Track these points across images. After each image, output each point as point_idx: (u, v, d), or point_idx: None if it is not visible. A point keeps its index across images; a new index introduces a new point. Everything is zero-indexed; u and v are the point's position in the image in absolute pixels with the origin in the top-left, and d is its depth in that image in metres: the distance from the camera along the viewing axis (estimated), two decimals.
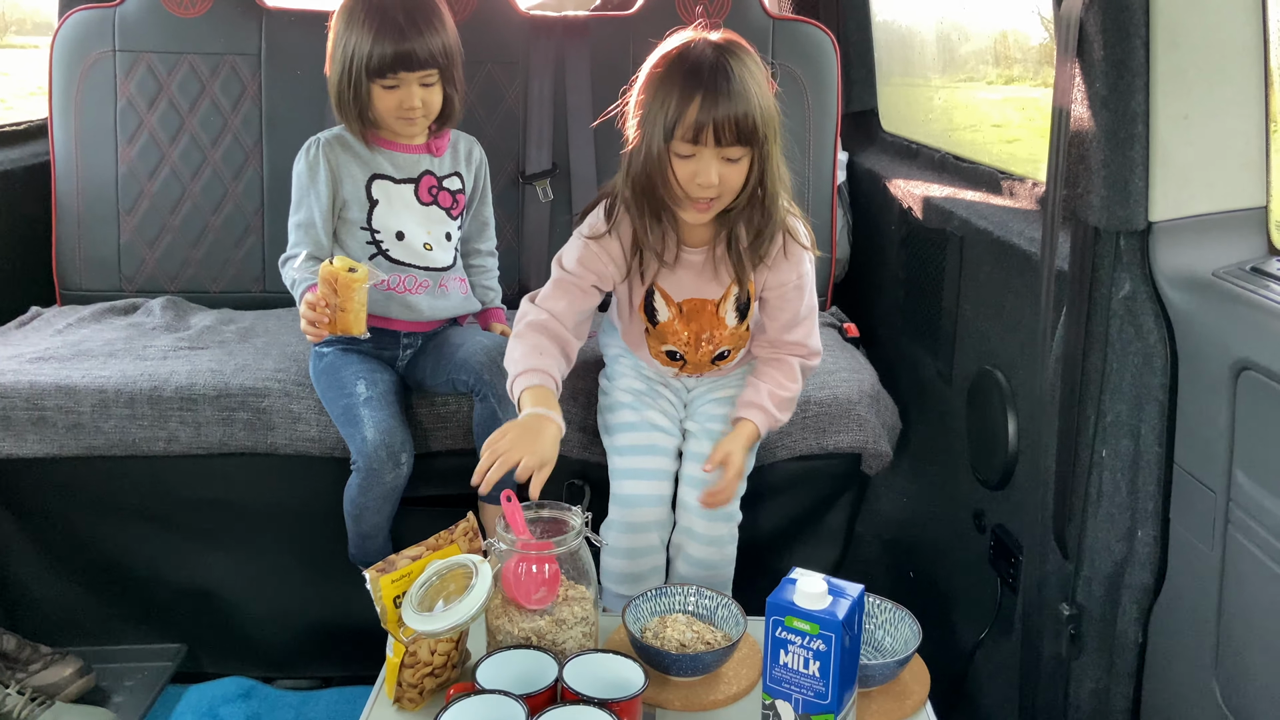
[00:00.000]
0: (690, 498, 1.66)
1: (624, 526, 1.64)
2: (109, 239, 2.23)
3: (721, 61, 1.42)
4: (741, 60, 1.43)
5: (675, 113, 1.41)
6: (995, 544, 1.64)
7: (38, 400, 1.75)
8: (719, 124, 1.40)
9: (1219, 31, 1.18)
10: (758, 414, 1.60)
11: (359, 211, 1.78)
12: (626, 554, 1.64)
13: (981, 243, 1.70)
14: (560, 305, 1.59)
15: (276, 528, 1.87)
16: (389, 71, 1.68)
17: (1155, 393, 1.25)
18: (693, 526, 1.66)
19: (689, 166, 1.44)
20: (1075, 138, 1.26)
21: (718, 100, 1.39)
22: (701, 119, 1.40)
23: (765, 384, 1.62)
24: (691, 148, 1.42)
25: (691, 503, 1.65)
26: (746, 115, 1.41)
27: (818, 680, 1.19)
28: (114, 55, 2.22)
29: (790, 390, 1.63)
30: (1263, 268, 1.17)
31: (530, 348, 1.55)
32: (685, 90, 1.41)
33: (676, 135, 1.42)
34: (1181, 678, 1.26)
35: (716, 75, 1.40)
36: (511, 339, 1.58)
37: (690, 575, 1.65)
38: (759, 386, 1.62)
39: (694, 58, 1.43)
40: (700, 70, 1.41)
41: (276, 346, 1.93)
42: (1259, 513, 1.10)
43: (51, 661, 1.77)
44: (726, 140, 1.41)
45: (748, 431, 1.60)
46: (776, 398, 1.61)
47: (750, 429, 1.60)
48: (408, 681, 1.34)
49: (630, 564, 1.65)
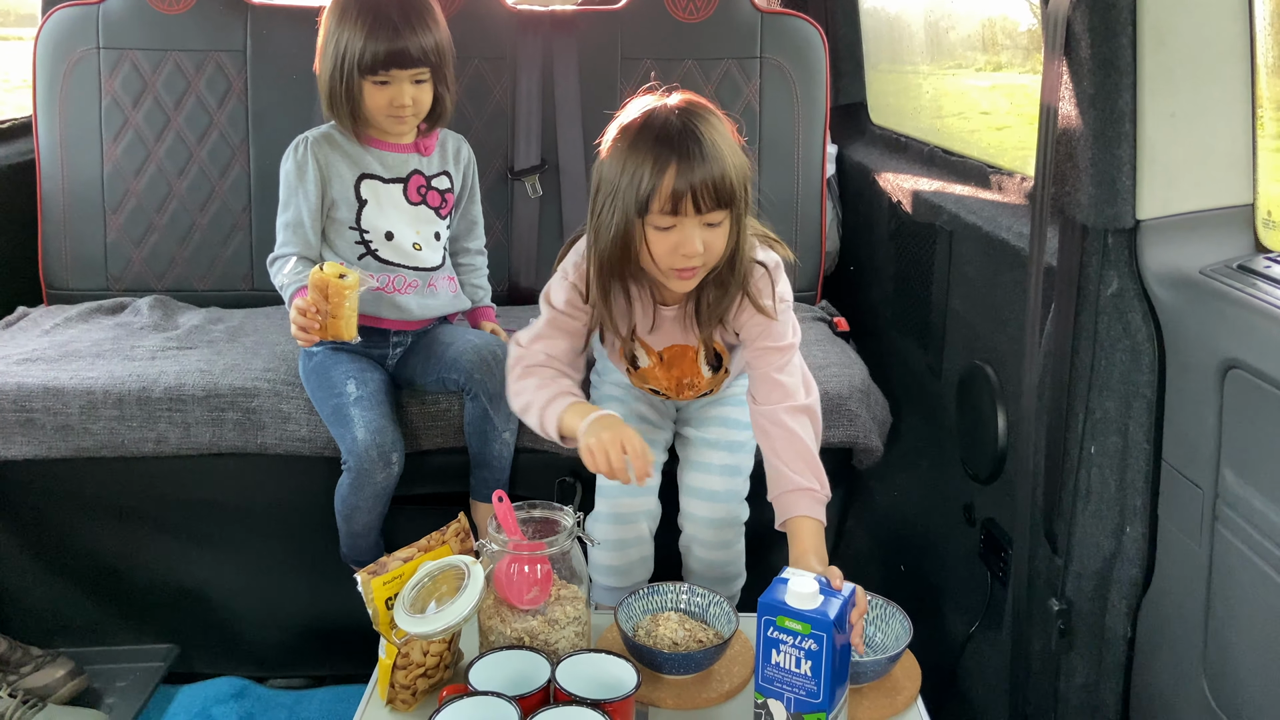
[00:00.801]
0: (693, 507, 1.66)
1: (611, 519, 1.64)
2: (95, 238, 2.22)
3: (690, 126, 1.35)
4: (708, 121, 1.37)
5: (649, 184, 1.33)
6: (985, 538, 1.65)
7: (25, 402, 1.75)
8: (697, 191, 1.33)
9: (1205, 30, 1.18)
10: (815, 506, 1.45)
11: (347, 211, 1.77)
12: (614, 546, 1.64)
13: (971, 237, 1.70)
14: (556, 345, 1.53)
15: (267, 528, 1.86)
16: (381, 69, 1.67)
17: (1143, 390, 1.25)
18: (698, 534, 1.66)
19: (669, 238, 1.37)
20: (1063, 136, 1.26)
21: (693, 166, 1.33)
22: (679, 188, 1.33)
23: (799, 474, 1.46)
24: (670, 219, 1.36)
25: (694, 512, 1.65)
26: (724, 177, 1.34)
27: (809, 679, 1.19)
28: (98, 53, 2.20)
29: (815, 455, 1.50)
30: (1250, 265, 1.17)
31: (540, 381, 1.50)
32: (658, 160, 1.33)
33: (653, 208, 1.34)
34: (1170, 672, 1.27)
35: (687, 140, 1.33)
36: (514, 383, 1.53)
37: (703, 575, 1.65)
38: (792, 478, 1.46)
39: (660, 125, 1.35)
40: (670, 137, 1.34)
41: (266, 346, 1.93)
42: (1246, 510, 1.11)
43: (43, 663, 1.77)
44: (706, 206, 1.35)
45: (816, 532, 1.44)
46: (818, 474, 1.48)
47: (813, 526, 1.44)
48: (400, 683, 1.34)
49: (618, 556, 1.65)
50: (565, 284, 1.52)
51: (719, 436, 1.66)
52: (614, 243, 1.39)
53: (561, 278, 1.53)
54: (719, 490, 1.65)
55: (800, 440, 1.48)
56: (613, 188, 1.38)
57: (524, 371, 1.53)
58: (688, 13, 2.27)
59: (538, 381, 1.50)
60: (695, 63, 2.26)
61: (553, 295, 1.54)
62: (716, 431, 1.67)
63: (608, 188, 1.39)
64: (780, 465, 1.47)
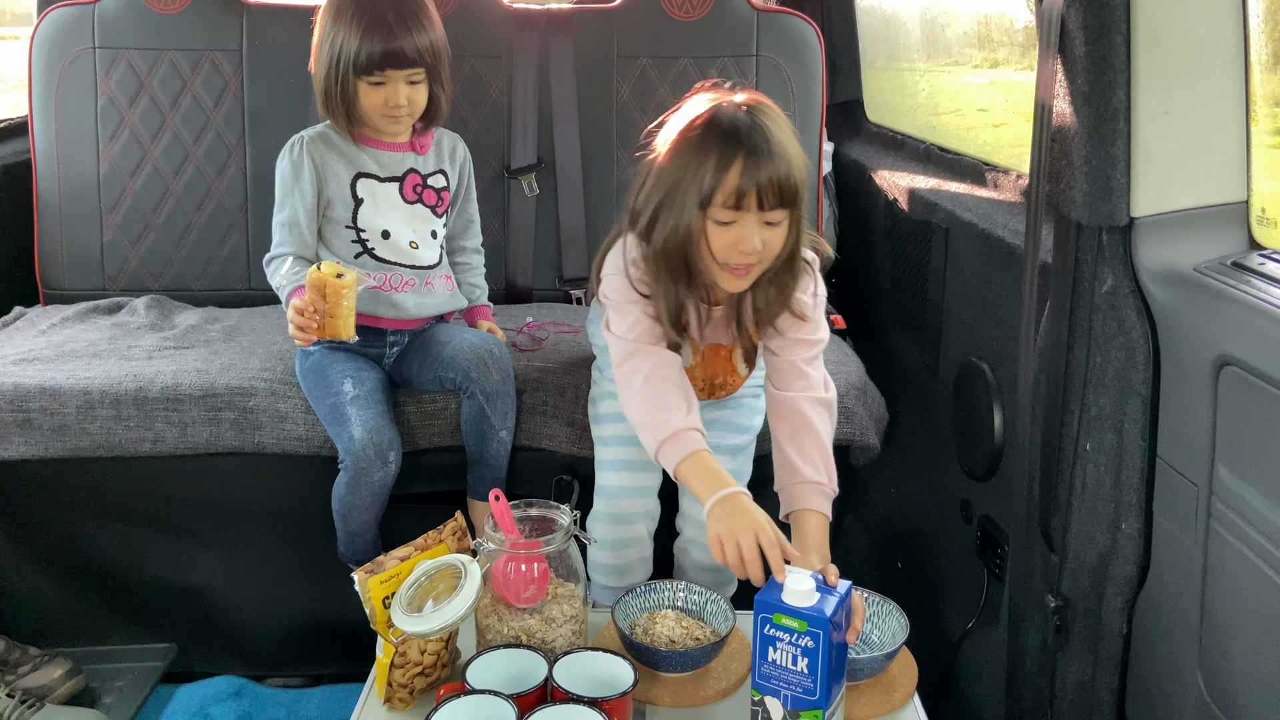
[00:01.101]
0: (694, 511, 1.65)
1: (609, 518, 1.64)
2: (92, 237, 2.22)
3: (758, 122, 1.34)
4: (774, 119, 1.36)
5: (714, 179, 1.32)
6: (982, 535, 1.65)
7: (22, 402, 1.75)
8: (762, 188, 1.32)
9: (1199, 28, 1.18)
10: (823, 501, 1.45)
11: (344, 210, 1.77)
12: (612, 546, 1.65)
13: (966, 235, 1.71)
14: (654, 329, 1.45)
15: (265, 527, 1.87)
16: (376, 69, 1.67)
17: (1138, 387, 1.26)
18: (698, 537, 1.66)
19: (728, 234, 1.35)
20: (1058, 133, 1.27)
21: (759, 163, 1.31)
22: (744, 184, 1.32)
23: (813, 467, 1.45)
24: (732, 214, 1.34)
25: (696, 515, 1.65)
26: (788, 176, 1.33)
27: (806, 677, 1.20)
28: (94, 52, 2.20)
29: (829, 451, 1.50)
30: (1244, 262, 1.18)
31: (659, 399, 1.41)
32: (724, 154, 1.32)
33: (716, 202, 1.33)
34: (1165, 668, 1.27)
35: (755, 136, 1.32)
36: (631, 382, 1.44)
37: (699, 577, 1.65)
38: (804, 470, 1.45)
39: (728, 120, 1.34)
40: (738, 132, 1.33)
41: (262, 345, 1.93)
42: (1240, 506, 1.11)
43: (41, 663, 1.77)
44: (769, 204, 1.33)
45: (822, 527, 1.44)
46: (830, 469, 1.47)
47: (819, 521, 1.43)
48: (398, 681, 1.34)
49: (616, 555, 1.65)
50: (638, 310, 1.46)
51: (720, 440, 1.66)
52: (674, 235, 1.38)
53: (624, 281, 1.46)
54: None
55: (818, 433, 1.47)
56: (674, 181, 1.36)
57: (647, 378, 1.42)
58: (684, 11, 2.27)
59: (664, 396, 1.41)
60: (691, 61, 2.27)
61: (627, 296, 1.46)
62: (718, 435, 1.66)
63: (667, 182, 1.37)
64: (794, 455, 1.46)
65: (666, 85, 2.27)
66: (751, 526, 1.29)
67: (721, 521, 1.31)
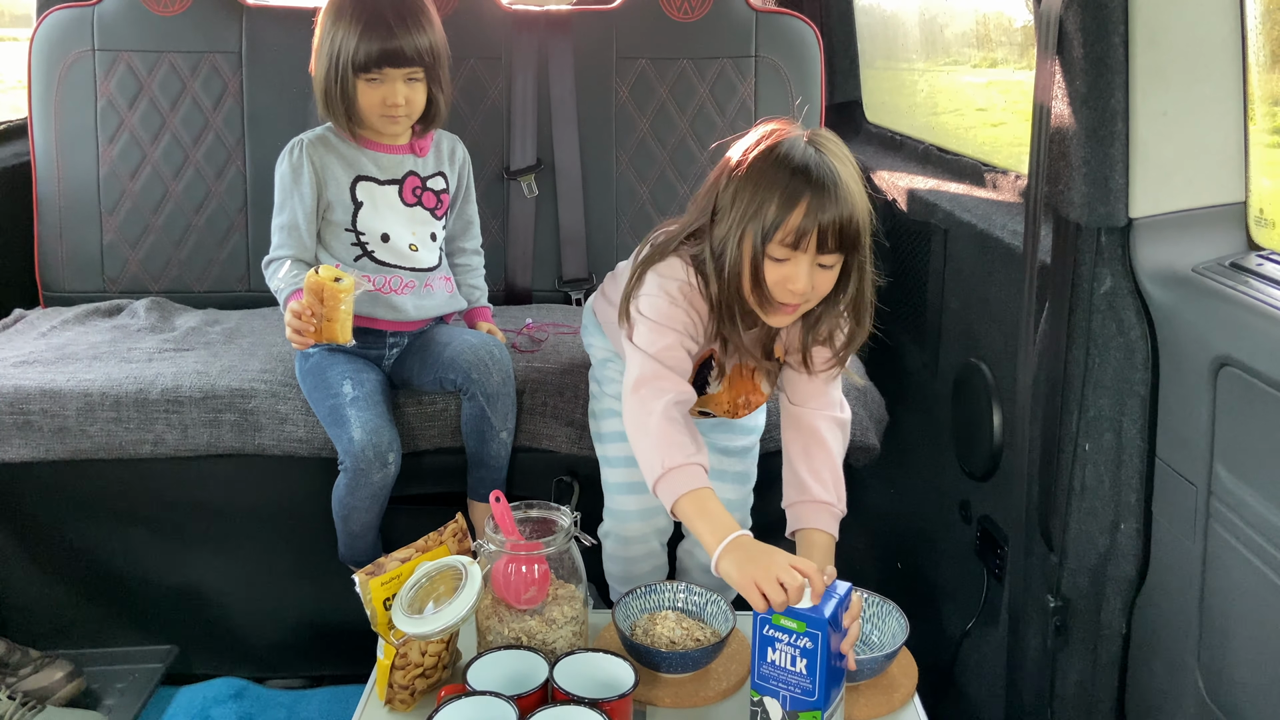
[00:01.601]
0: None
1: (620, 540, 1.65)
2: (91, 239, 2.22)
3: (827, 163, 1.31)
4: (842, 160, 1.33)
5: (777, 216, 1.29)
6: (982, 535, 1.65)
7: (22, 404, 1.75)
8: (824, 229, 1.29)
9: (1197, 29, 1.19)
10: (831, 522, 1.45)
11: (343, 213, 1.77)
12: (625, 561, 1.66)
13: (965, 235, 1.71)
14: (684, 359, 1.41)
15: (265, 528, 1.87)
16: (374, 67, 1.67)
17: (1137, 387, 1.26)
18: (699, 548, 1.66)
19: (780, 270, 1.33)
20: (1056, 134, 1.27)
21: (824, 205, 1.29)
22: (806, 225, 1.29)
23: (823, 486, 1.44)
24: (789, 252, 1.32)
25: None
26: (851, 220, 1.31)
27: (805, 677, 1.20)
28: (93, 54, 2.20)
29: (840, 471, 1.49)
30: (1242, 263, 1.18)
31: (671, 429, 1.35)
32: (789, 192, 1.29)
33: (775, 239, 1.31)
34: (1165, 668, 1.27)
35: (824, 177, 1.29)
36: (647, 406, 1.37)
37: (702, 579, 1.65)
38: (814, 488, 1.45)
39: (798, 157, 1.31)
40: (808, 171, 1.30)
41: (262, 347, 1.93)
42: (1239, 506, 1.11)
43: (42, 665, 1.77)
44: (829, 247, 1.31)
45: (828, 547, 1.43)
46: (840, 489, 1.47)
47: (826, 542, 1.43)
48: (399, 683, 1.34)
49: (630, 567, 1.66)
50: (677, 312, 1.41)
51: (727, 442, 1.66)
52: (732, 265, 1.35)
53: (668, 302, 1.41)
54: (732, 499, 1.65)
55: (830, 452, 1.47)
56: (741, 209, 1.33)
57: (665, 410, 1.36)
58: (683, 12, 2.28)
59: (675, 432, 1.35)
60: (690, 62, 2.27)
61: (665, 318, 1.41)
62: (724, 438, 1.66)
63: (734, 207, 1.34)
64: (804, 473, 1.46)
65: (665, 86, 2.27)
66: (783, 561, 1.23)
67: (748, 566, 1.24)
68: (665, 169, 2.28)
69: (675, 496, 1.33)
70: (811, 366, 1.47)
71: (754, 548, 1.26)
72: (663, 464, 1.33)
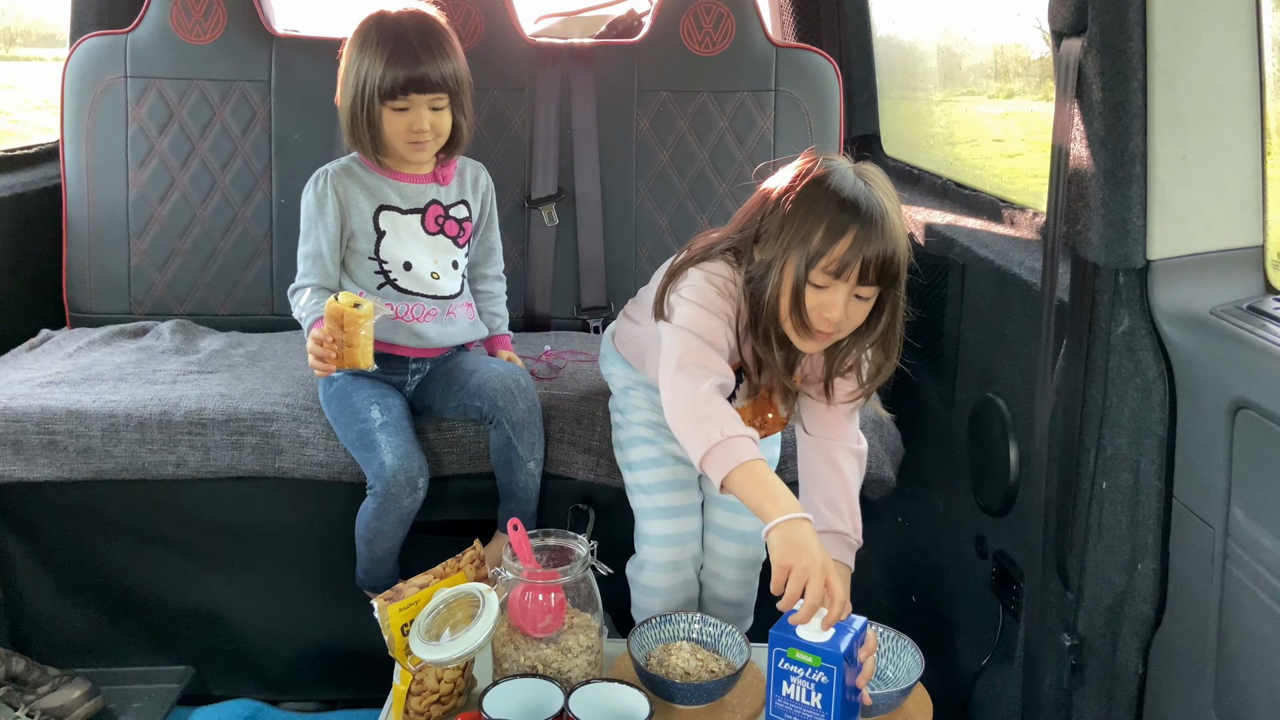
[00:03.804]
0: (721, 547, 1.66)
1: (660, 567, 1.63)
2: (119, 262, 2.26)
3: (875, 197, 1.33)
4: (888, 195, 1.36)
5: (821, 245, 1.31)
6: (997, 570, 1.65)
7: (48, 424, 1.77)
8: (867, 263, 1.32)
9: (1215, 75, 1.20)
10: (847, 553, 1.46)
11: (366, 242, 1.80)
12: (665, 593, 1.64)
13: (983, 271, 1.72)
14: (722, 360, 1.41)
15: (284, 551, 1.88)
16: (400, 93, 1.70)
17: (1154, 428, 1.26)
18: (723, 573, 1.67)
19: (817, 297, 1.35)
20: (1075, 176, 1.28)
21: (870, 238, 1.31)
22: (849, 256, 1.31)
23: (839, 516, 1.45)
24: (830, 280, 1.34)
25: (723, 552, 1.66)
26: (894, 256, 1.33)
27: (819, 712, 1.20)
28: (125, 81, 2.25)
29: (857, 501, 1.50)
30: (1259, 306, 1.19)
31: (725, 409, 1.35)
32: (837, 222, 1.31)
33: (819, 265, 1.32)
34: (1181, 709, 1.27)
35: (872, 211, 1.32)
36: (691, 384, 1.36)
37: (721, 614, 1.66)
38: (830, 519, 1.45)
39: (849, 189, 1.33)
40: (857, 204, 1.32)
41: (285, 370, 1.95)
42: (1256, 549, 1.11)
43: (60, 683, 1.78)
44: (869, 280, 1.33)
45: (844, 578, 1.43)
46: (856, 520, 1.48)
47: (842, 572, 1.43)
48: (415, 709, 1.35)
49: (668, 601, 1.64)
50: (724, 303, 1.42)
51: None
52: (775, 289, 1.37)
53: (716, 293, 1.42)
54: (748, 531, 1.66)
55: (847, 483, 1.48)
56: (789, 233, 1.35)
57: (711, 387, 1.35)
58: (704, 46, 2.31)
59: (724, 406, 1.35)
60: (711, 95, 2.30)
61: (710, 303, 1.42)
62: None
63: (782, 230, 1.35)
64: (820, 503, 1.47)
65: (686, 118, 2.30)
66: (822, 570, 1.22)
67: (791, 551, 1.23)
68: (685, 200, 2.30)
69: (730, 467, 1.29)
70: (832, 397, 1.48)
71: (808, 537, 1.24)
72: (720, 432, 1.30)
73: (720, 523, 1.67)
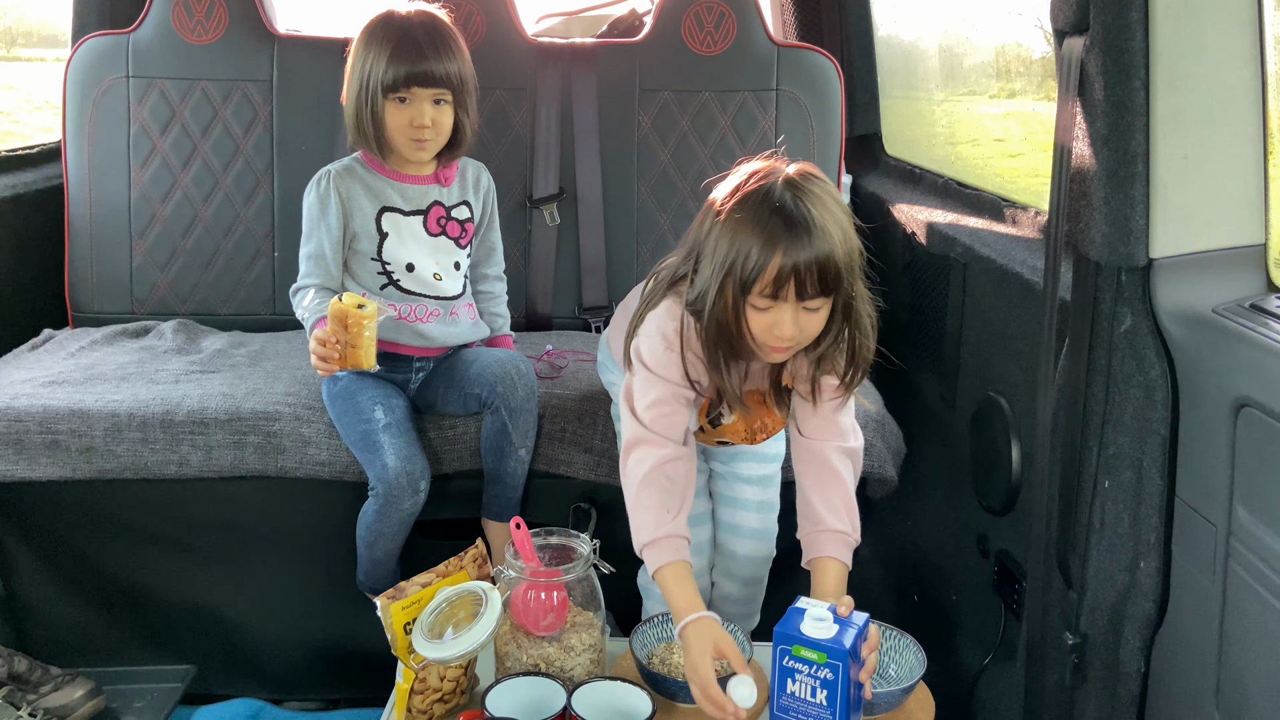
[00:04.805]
0: (731, 544, 1.67)
1: None
2: (121, 261, 2.26)
3: (802, 207, 1.28)
4: (821, 201, 1.30)
5: (755, 267, 1.28)
6: (999, 569, 1.65)
7: (51, 424, 1.77)
8: (801, 278, 1.28)
9: (1218, 74, 1.20)
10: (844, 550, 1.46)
11: (369, 244, 1.80)
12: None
13: (985, 270, 1.72)
14: (678, 418, 1.43)
15: (286, 550, 1.88)
16: (402, 86, 1.70)
17: (1157, 426, 1.26)
18: (733, 569, 1.68)
19: (765, 318, 1.32)
20: (1077, 175, 1.28)
21: (800, 254, 1.27)
22: (782, 274, 1.27)
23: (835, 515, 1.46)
24: (770, 302, 1.31)
25: (734, 549, 1.67)
26: (829, 263, 1.28)
27: (825, 709, 1.20)
28: (128, 81, 2.25)
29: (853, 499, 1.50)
30: (1262, 305, 1.19)
31: (661, 497, 1.39)
32: (766, 243, 1.27)
33: (754, 290, 1.30)
34: (1184, 708, 1.27)
35: (798, 224, 1.27)
36: (634, 472, 1.41)
37: (730, 611, 1.66)
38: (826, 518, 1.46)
39: (774, 203, 1.29)
40: (781, 218, 1.28)
41: (287, 370, 1.95)
42: (1259, 547, 1.11)
43: (63, 683, 1.79)
44: (809, 294, 1.30)
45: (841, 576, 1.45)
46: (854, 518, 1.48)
47: (839, 569, 1.44)
48: (417, 708, 1.35)
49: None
50: (672, 356, 1.41)
51: (750, 471, 1.67)
52: (717, 312, 1.34)
53: (664, 347, 1.42)
54: (757, 528, 1.66)
55: (843, 483, 1.48)
56: (719, 259, 1.32)
57: (646, 476, 1.40)
58: (705, 46, 2.31)
59: (660, 498, 1.40)
60: (712, 95, 2.30)
61: (659, 366, 1.42)
62: (746, 466, 1.67)
63: (713, 255, 1.33)
64: (817, 503, 1.47)
65: (687, 118, 2.30)
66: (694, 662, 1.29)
67: (687, 654, 1.32)
68: (686, 199, 2.31)
69: (657, 565, 1.37)
70: (819, 396, 1.47)
71: (696, 637, 1.31)
72: (651, 534, 1.38)
73: (732, 521, 1.67)
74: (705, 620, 1.32)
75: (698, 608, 1.34)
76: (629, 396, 1.45)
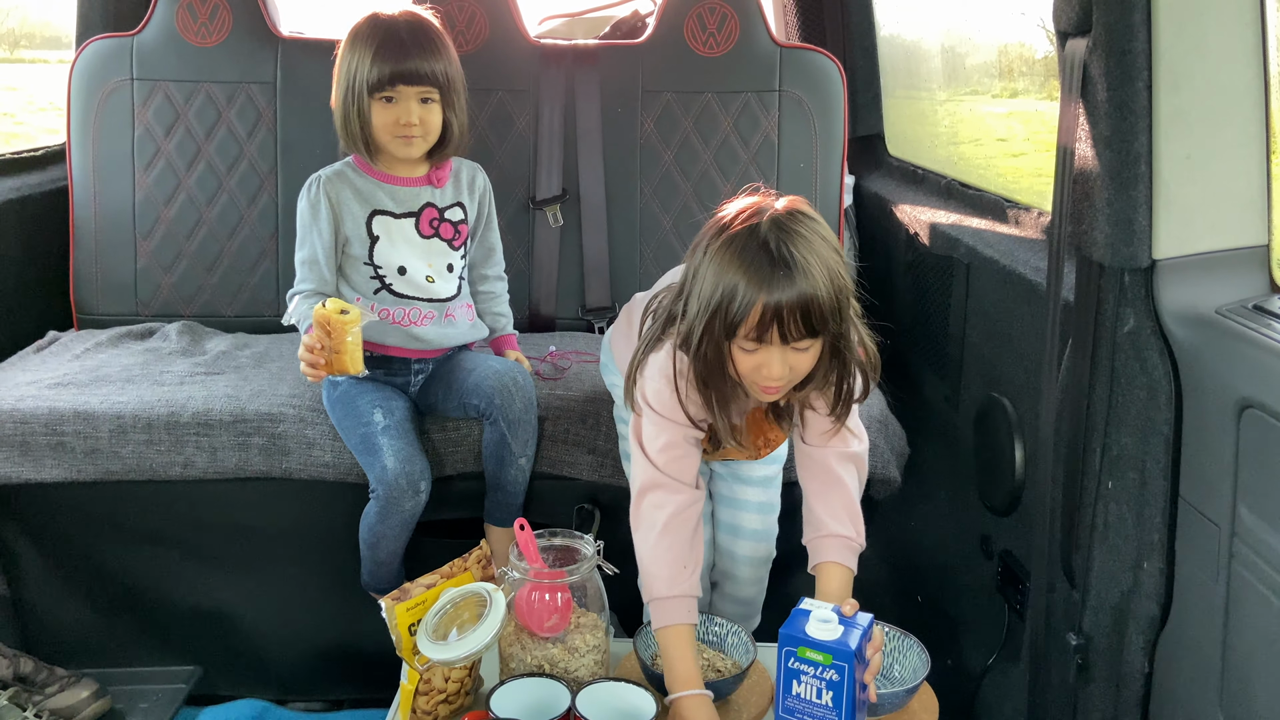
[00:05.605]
0: (732, 545, 1.67)
1: None
2: (125, 264, 2.26)
3: (784, 251, 1.25)
4: (808, 241, 1.27)
5: (739, 310, 1.25)
6: (1003, 570, 1.66)
7: (56, 425, 1.78)
8: (784, 323, 1.25)
9: (1220, 74, 1.20)
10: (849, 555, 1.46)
11: (360, 248, 1.80)
12: None
13: (988, 271, 1.72)
14: (689, 460, 1.43)
15: (291, 551, 1.89)
16: (387, 84, 1.70)
17: (1160, 427, 1.27)
18: (734, 571, 1.68)
19: (752, 359, 1.30)
20: (1080, 176, 1.28)
21: (783, 298, 1.24)
22: (766, 318, 1.25)
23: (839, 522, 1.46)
24: (755, 345, 1.29)
25: (736, 550, 1.67)
26: (812, 305, 1.25)
27: (831, 710, 1.20)
28: (132, 84, 2.26)
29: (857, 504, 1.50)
30: (1265, 306, 1.19)
31: (672, 551, 1.39)
32: (747, 287, 1.25)
33: (739, 334, 1.28)
34: (1187, 708, 1.27)
35: (780, 269, 1.24)
36: (647, 519, 1.41)
37: (730, 612, 1.66)
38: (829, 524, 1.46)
39: (757, 247, 1.26)
40: (762, 262, 1.25)
41: (291, 372, 1.96)
42: (1262, 548, 1.11)
43: (68, 684, 1.79)
44: (793, 336, 1.27)
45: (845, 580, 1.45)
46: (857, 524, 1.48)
47: (843, 575, 1.45)
48: (422, 709, 1.36)
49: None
50: (676, 399, 1.40)
51: (750, 472, 1.67)
52: (704, 353, 1.33)
53: (670, 390, 1.40)
54: (758, 529, 1.67)
55: (845, 488, 1.47)
56: (704, 300, 1.30)
57: (666, 524, 1.40)
58: (707, 47, 2.31)
59: (678, 551, 1.40)
60: (715, 96, 2.30)
61: (666, 409, 1.41)
62: (748, 468, 1.67)
63: (699, 295, 1.31)
64: (820, 509, 1.47)
65: (690, 119, 2.30)
66: None
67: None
68: (689, 200, 2.31)
69: (663, 624, 1.38)
70: (808, 432, 1.48)
71: (693, 714, 1.31)
72: (662, 589, 1.38)
73: (733, 521, 1.67)
74: (702, 700, 1.33)
75: (696, 684, 1.34)
76: (640, 438, 1.44)
